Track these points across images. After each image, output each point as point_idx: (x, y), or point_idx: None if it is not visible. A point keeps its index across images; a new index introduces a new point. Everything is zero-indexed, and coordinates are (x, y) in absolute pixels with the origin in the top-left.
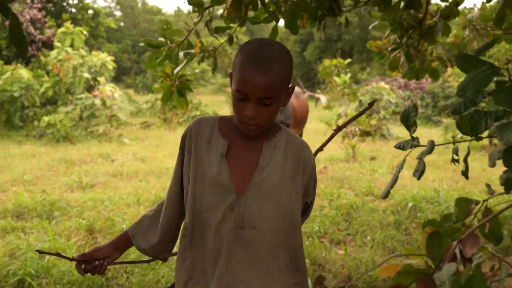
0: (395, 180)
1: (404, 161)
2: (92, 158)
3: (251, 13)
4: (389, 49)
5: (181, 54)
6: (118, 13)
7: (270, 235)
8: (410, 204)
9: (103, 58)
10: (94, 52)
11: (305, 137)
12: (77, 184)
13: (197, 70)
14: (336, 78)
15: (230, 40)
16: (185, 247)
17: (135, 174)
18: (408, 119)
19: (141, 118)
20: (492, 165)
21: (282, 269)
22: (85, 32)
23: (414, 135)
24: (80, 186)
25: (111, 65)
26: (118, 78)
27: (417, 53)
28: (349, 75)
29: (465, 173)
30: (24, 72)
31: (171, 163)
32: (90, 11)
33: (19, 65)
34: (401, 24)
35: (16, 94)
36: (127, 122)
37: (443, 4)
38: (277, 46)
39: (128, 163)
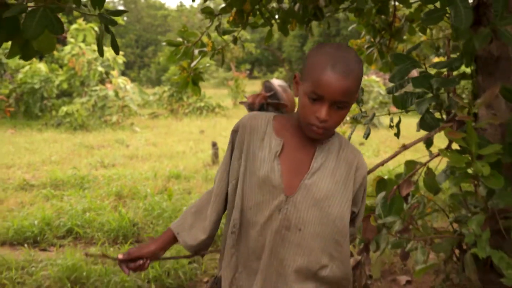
0: (349, 138)
1: (354, 128)
2: (109, 143)
3: (251, 18)
4: (365, 47)
5: (196, 51)
6: (121, 8)
7: (317, 239)
8: (385, 177)
9: (114, 53)
10: (105, 48)
11: None
12: (100, 164)
13: (208, 64)
14: None
15: (235, 41)
16: (233, 244)
17: (149, 156)
18: (357, 98)
19: (149, 109)
20: (418, 130)
21: (328, 277)
22: (96, 28)
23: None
24: (102, 165)
25: (121, 60)
26: (122, 72)
27: (388, 50)
28: None
29: (397, 135)
30: (42, 66)
31: (181, 147)
32: None
33: (34, 59)
34: (373, 26)
35: (36, 86)
36: (136, 112)
37: (408, 10)
38: (353, 51)
39: (142, 148)
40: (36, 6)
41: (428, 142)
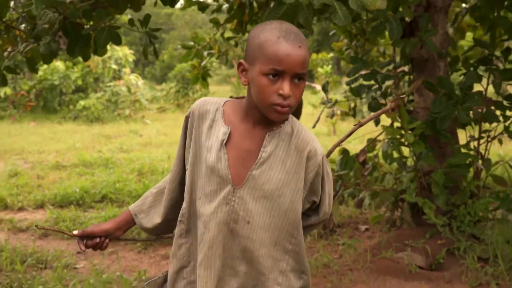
0: (318, 118)
1: (321, 112)
2: (124, 134)
3: (249, 26)
4: (344, 48)
5: (205, 53)
6: None
7: (268, 232)
8: None
9: (125, 51)
10: (117, 47)
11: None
12: (119, 150)
13: (214, 63)
14: (319, 69)
15: (236, 44)
16: (181, 234)
17: (161, 144)
18: (324, 88)
19: (156, 104)
20: (368, 111)
21: (286, 272)
22: None
23: None
24: (121, 151)
25: (131, 58)
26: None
27: (363, 51)
28: (330, 66)
29: (353, 115)
30: (60, 64)
31: None
32: None
33: None
34: (350, 32)
35: (56, 83)
36: (145, 107)
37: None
38: (293, 25)
39: (154, 137)
40: (103, 26)
41: (377, 122)
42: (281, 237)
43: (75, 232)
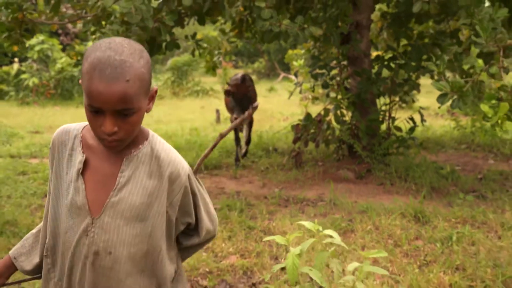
0: (291, 93)
1: (292, 93)
2: None
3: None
4: (311, 48)
5: (215, 52)
6: None
7: (132, 261)
8: None
9: None
10: None
11: (276, 103)
12: None
13: (219, 57)
14: (294, 63)
15: (236, 46)
16: (49, 269)
17: (170, 121)
18: (296, 74)
19: None
20: (323, 88)
21: None
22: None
23: None
24: (143, 124)
25: None
26: None
27: (324, 50)
28: (303, 60)
29: (313, 88)
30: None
31: (190, 116)
32: None
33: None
34: (314, 36)
35: (76, 74)
36: None
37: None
38: (128, 47)
39: (162, 116)
40: (171, 39)
41: (327, 95)
42: (147, 264)
43: None
